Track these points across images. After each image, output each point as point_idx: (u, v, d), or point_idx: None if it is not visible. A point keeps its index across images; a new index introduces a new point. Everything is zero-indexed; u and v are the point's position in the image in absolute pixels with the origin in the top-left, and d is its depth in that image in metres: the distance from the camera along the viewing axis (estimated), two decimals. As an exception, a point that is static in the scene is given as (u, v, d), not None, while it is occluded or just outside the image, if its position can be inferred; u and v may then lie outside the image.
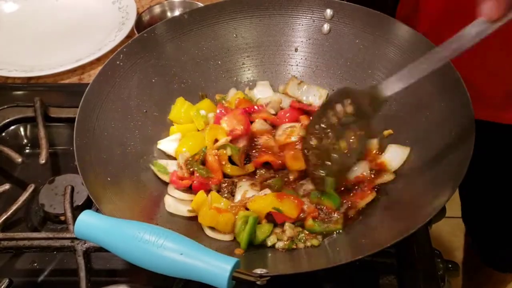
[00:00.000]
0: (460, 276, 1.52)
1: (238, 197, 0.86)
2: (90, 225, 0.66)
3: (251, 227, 0.79)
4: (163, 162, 0.91)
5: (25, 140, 1.06)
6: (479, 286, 1.57)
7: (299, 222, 0.83)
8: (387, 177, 0.87)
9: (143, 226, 0.64)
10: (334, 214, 0.83)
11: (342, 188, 0.86)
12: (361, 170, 0.87)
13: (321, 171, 0.84)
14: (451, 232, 1.88)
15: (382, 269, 0.82)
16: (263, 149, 0.91)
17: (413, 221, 0.74)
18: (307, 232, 0.82)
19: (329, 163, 0.85)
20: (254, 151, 0.91)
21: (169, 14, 1.29)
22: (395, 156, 0.88)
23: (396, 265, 0.83)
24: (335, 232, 0.81)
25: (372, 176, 0.87)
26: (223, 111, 0.93)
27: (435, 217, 0.79)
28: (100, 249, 0.79)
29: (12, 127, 1.06)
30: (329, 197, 0.84)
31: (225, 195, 0.87)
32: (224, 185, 0.88)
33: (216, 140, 0.90)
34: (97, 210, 0.75)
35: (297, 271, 0.71)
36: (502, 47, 0.97)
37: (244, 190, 0.86)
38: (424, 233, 0.86)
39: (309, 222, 0.82)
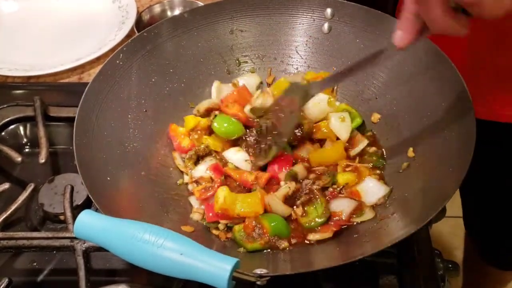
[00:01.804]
0: (460, 276, 1.52)
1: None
2: (89, 224, 0.66)
3: None
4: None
5: (25, 139, 1.06)
6: (479, 286, 1.57)
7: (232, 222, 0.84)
8: (364, 216, 0.83)
9: (143, 226, 0.64)
10: (263, 237, 0.81)
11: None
12: (342, 207, 0.84)
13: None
14: (451, 232, 1.88)
15: (382, 269, 0.82)
16: None
17: (413, 222, 0.74)
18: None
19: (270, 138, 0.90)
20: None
21: (169, 13, 1.29)
22: (371, 190, 0.86)
23: (396, 265, 0.83)
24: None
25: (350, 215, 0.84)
26: None
27: (435, 217, 0.78)
28: (100, 249, 0.79)
29: (12, 126, 1.06)
30: (271, 220, 0.82)
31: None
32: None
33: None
34: (97, 210, 0.74)
35: (297, 271, 0.70)
36: (502, 47, 0.97)
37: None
38: (424, 233, 0.86)
39: (237, 228, 0.82)
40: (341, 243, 0.81)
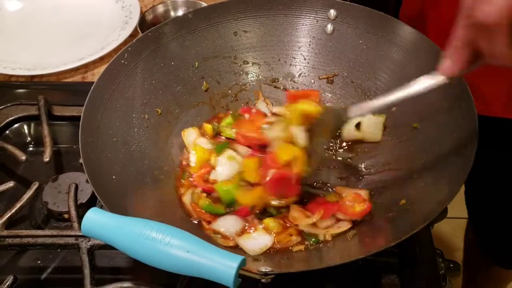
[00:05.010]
0: (461, 276, 1.53)
1: None
2: (97, 222, 0.66)
3: None
4: None
5: (29, 138, 1.07)
6: (480, 285, 1.58)
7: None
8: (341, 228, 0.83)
9: (149, 223, 0.64)
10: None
11: None
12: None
13: None
14: (453, 232, 1.89)
15: (384, 269, 0.83)
16: None
17: (415, 221, 0.75)
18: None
19: None
20: None
21: (172, 13, 1.30)
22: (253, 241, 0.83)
23: (398, 265, 0.83)
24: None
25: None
26: None
27: (437, 218, 0.79)
28: (104, 247, 0.80)
29: (16, 125, 1.06)
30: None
31: None
32: None
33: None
34: (102, 208, 0.75)
35: (301, 269, 0.71)
36: None
37: None
38: (426, 233, 0.86)
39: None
40: (343, 243, 0.81)
